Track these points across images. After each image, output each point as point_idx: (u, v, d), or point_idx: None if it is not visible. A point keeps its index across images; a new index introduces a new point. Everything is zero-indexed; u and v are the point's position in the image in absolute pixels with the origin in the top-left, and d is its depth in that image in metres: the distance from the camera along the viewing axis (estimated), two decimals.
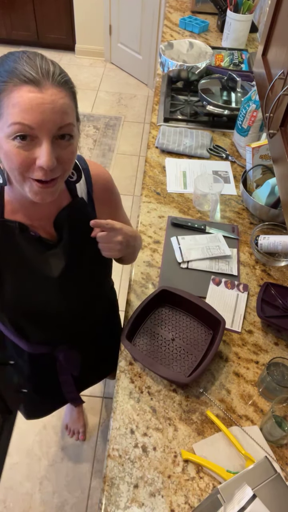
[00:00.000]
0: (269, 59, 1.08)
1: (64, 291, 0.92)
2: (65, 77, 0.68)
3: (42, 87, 0.64)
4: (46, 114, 0.64)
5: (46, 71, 0.65)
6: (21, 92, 0.63)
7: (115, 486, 0.88)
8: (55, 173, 0.70)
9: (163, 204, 1.48)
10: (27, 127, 0.64)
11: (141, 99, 3.73)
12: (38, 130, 0.65)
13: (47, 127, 0.65)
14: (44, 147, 0.66)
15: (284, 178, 0.83)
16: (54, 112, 0.65)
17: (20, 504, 1.62)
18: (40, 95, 0.63)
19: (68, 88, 0.68)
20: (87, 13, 3.81)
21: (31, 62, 0.65)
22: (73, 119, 0.69)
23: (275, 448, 0.95)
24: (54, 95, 0.65)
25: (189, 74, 1.93)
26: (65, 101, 0.67)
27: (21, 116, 0.63)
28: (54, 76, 0.66)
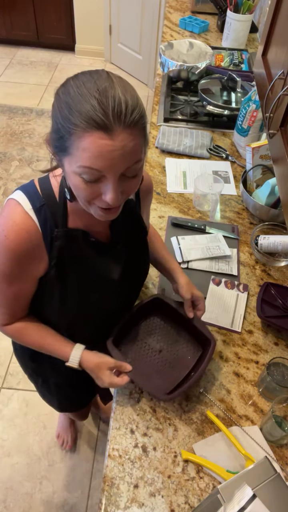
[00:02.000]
0: (269, 59, 1.08)
1: (122, 291, 0.97)
2: (137, 114, 0.64)
3: (113, 133, 0.62)
4: (115, 159, 0.64)
5: (118, 114, 0.62)
6: (92, 137, 0.62)
7: (115, 486, 0.88)
8: (120, 202, 0.72)
9: (163, 204, 1.48)
10: (96, 171, 0.64)
11: (141, 99, 3.73)
12: (106, 172, 0.65)
13: (114, 170, 0.65)
14: (111, 186, 0.67)
15: (284, 178, 0.83)
16: (124, 156, 0.64)
17: (20, 504, 1.62)
18: (110, 143, 0.62)
19: (140, 126, 0.66)
20: (87, 13, 3.81)
21: (103, 102, 0.61)
22: (142, 155, 0.69)
23: (275, 448, 0.95)
24: (125, 139, 0.63)
25: (189, 74, 1.93)
26: (136, 142, 0.65)
27: (91, 161, 0.63)
28: (126, 118, 0.63)
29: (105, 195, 0.68)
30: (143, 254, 1.00)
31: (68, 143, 0.64)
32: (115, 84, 0.64)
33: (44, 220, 0.79)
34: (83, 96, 0.62)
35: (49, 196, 0.81)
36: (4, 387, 1.92)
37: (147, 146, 0.72)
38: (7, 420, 1.84)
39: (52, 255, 0.82)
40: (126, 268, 0.94)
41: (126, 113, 0.62)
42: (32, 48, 4.21)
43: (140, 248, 0.99)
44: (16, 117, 3.41)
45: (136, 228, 0.96)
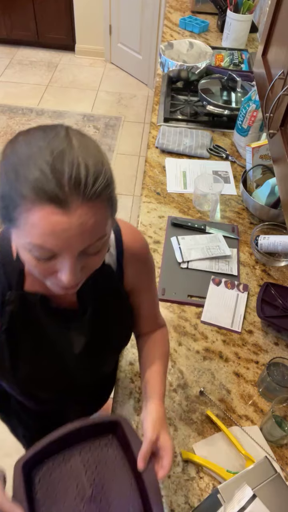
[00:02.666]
0: (269, 59, 1.08)
1: (83, 366, 0.83)
2: (101, 184, 0.53)
3: (69, 207, 0.50)
4: (71, 239, 0.52)
5: (75, 184, 0.50)
6: (42, 212, 0.50)
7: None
8: (80, 279, 0.60)
9: (163, 204, 1.48)
10: (47, 250, 0.53)
11: (141, 99, 3.73)
12: (60, 252, 0.54)
13: (71, 250, 0.54)
14: (67, 266, 0.56)
15: (284, 178, 0.83)
16: (83, 235, 0.53)
17: None
18: (65, 220, 0.51)
19: (104, 196, 0.54)
20: (87, 13, 3.81)
21: (57, 168, 0.49)
22: (106, 229, 0.57)
23: (275, 448, 0.95)
24: (84, 215, 0.52)
25: (189, 74, 1.93)
26: (99, 217, 0.54)
27: (42, 239, 0.52)
28: (87, 190, 0.51)
29: (60, 274, 0.57)
30: (117, 327, 0.84)
31: (14, 215, 0.53)
32: (74, 146, 0.52)
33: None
34: (33, 159, 0.50)
35: (6, 253, 0.70)
36: None
37: (115, 214, 0.60)
38: None
39: (2, 320, 0.72)
40: (92, 341, 0.80)
41: (86, 183, 0.51)
42: (32, 48, 4.21)
43: (115, 320, 0.82)
44: (16, 117, 3.41)
45: (112, 297, 0.80)
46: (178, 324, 1.16)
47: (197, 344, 1.12)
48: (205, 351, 1.11)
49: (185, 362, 1.08)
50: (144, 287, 0.87)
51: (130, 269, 0.81)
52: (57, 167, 0.49)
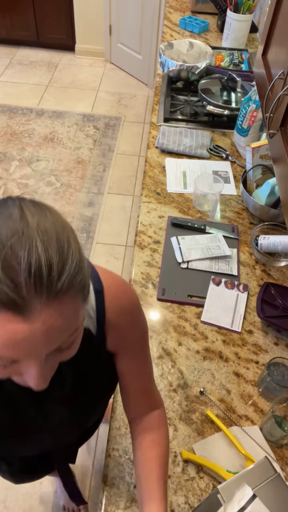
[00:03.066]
0: (269, 59, 1.08)
1: (61, 436, 0.78)
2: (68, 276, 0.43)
3: (30, 312, 0.41)
4: (36, 345, 0.44)
5: (36, 283, 0.40)
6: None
7: (115, 486, 0.88)
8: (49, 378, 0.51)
9: (163, 204, 1.48)
10: (8, 360, 0.45)
11: (141, 99, 3.73)
12: (23, 358, 0.46)
13: (36, 356, 0.45)
14: (33, 373, 0.47)
15: (284, 178, 0.83)
16: (49, 339, 0.44)
17: (20, 504, 1.62)
18: (27, 327, 0.42)
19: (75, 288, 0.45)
20: (87, 13, 3.81)
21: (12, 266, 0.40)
22: (77, 321, 0.48)
23: (275, 448, 0.95)
24: (50, 317, 0.43)
25: (189, 74, 1.93)
26: (68, 315, 0.45)
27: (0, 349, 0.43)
28: (51, 287, 0.41)
29: (26, 377, 0.48)
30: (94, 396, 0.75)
31: None
32: (31, 230, 0.42)
33: None
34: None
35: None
36: None
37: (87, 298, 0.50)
38: None
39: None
40: (70, 415, 0.73)
41: (50, 279, 0.41)
42: (32, 48, 4.21)
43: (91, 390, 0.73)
44: (16, 117, 3.41)
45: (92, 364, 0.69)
46: (178, 324, 1.16)
47: (197, 344, 1.12)
48: (205, 351, 1.11)
49: (185, 362, 1.08)
50: (133, 354, 0.74)
51: (114, 332, 0.69)
52: (11, 264, 0.40)
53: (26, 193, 2.79)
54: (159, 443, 0.77)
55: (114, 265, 2.46)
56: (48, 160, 3.05)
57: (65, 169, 3.00)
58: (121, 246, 2.56)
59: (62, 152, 3.13)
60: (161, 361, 1.08)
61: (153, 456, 0.75)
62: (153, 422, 0.79)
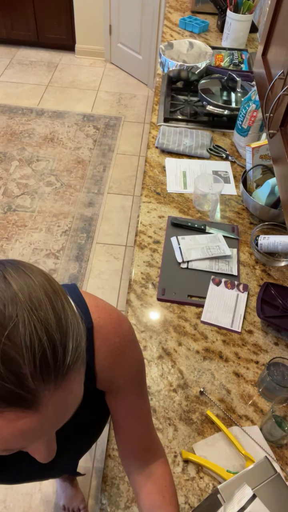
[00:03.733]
0: (269, 59, 1.08)
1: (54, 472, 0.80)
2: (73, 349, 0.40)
3: (40, 404, 0.38)
4: (47, 431, 0.41)
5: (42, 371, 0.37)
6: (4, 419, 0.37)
7: (115, 486, 0.88)
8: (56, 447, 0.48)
9: (163, 204, 1.48)
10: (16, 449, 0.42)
11: (141, 99, 3.73)
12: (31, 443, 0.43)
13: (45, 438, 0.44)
14: (40, 452, 0.45)
15: (284, 178, 0.83)
16: (59, 420, 0.42)
17: (20, 504, 1.62)
18: (37, 418, 0.38)
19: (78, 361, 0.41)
20: (87, 13, 3.81)
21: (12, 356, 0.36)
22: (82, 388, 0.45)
23: (275, 448, 0.95)
24: (59, 401, 0.40)
25: (189, 74, 1.93)
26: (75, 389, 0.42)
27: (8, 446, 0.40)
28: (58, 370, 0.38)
29: (33, 454, 0.46)
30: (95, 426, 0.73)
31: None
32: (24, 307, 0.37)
33: None
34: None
35: None
36: None
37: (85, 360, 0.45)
38: None
39: None
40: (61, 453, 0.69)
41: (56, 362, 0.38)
42: (32, 48, 4.21)
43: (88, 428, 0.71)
44: (16, 117, 3.41)
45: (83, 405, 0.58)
46: (178, 324, 1.16)
47: (197, 344, 1.12)
48: (205, 351, 1.11)
49: (185, 362, 1.08)
50: (128, 396, 0.67)
51: (105, 373, 0.63)
52: (11, 356, 0.35)
53: (26, 193, 2.79)
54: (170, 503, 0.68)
55: (114, 265, 2.46)
56: (48, 160, 3.05)
57: (65, 169, 3.00)
58: (121, 246, 2.56)
59: (62, 152, 3.13)
60: (161, 361, 1.08)
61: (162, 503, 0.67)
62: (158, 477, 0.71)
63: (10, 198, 2.77)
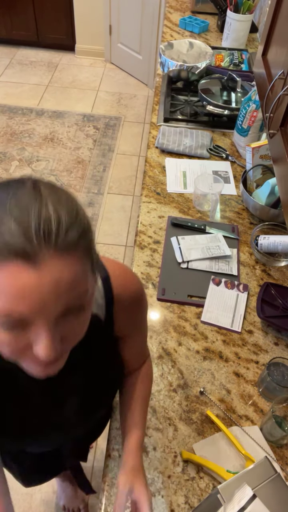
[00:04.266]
0: (269, 59, 1.08)
1: (71, 428, 0.80)
2: (75, 233, 0.46)
3: (39, 261, 0.43)
4: (45, 299, 0.45)
5: (45, 235, 0.43)
6: (8, 271, 0.42)
7: (115, 486, 0.88)
8: (59, 353, 0.50)
9: (163, 204, 1.48)
10: (17, 316, 0.45)
11: (141, 99, 3.73)
12: (33, 317, 0.46)
13: (46, 313, 0.46)
14: (42, 335, 0.47)
15: (284, 178, 0.83)
16: (58, 293, 0.45)
17: (20, 504, 1.62)
18: (35, 275, 0.43)
19: (81, 247, 0.47)
20: (87, 13, 3.81)
21: (24, 220, 0.43)
22: (87, 285, 0.49)
23: (275, 448, 0.95)
24: (57, 269, 0.44)
25: (189, 74, 1.93)
26: (75, 271, 0.46)
27: (9, 304, 0.44)
28: (59, 239, 0.44)
29: (36, 346, 0.48)
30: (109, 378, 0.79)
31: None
32: (43, 197, 0.46)
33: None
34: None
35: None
36: None
37: (96, 267, 0.53)
38: None
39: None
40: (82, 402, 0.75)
41: (58, 232, 0.44)
42: (32, 48, 4.21)
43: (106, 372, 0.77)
44: (16, 117, 3.41)
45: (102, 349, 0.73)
46: (178, 324, 1.16)
47: (197, 344, 1.12)
48: (205, 351, 1.11)
49: (185, 362, 1.08)
50: (136, 330, 0.81)
51: (121, 316, 0.73)
52: (23, 219, 0.43)
53: None
54: (142, 381, 0.85)
55: None
56: (48, 160, 3.05)
57: (65, 169, 3.00)
58: (121, 246, 2.56)
59: (62, 152, 3.13)
60: (161, 361, 1.08)
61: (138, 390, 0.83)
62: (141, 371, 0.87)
63: None
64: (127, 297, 0.72)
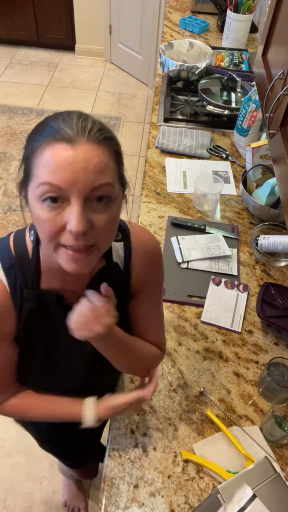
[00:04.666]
0: (269, 59, 1.08)
1: (96, 363, 0.85)
2: (105, 134, 0.62)
3: (76, 144, 0.58)
4: (77, 173, 0.57)
5: (82, 128, 0.60)
6: (53, 150, 0.58)
7: (115, 486, 0.88)
8: (88, 240, 0.61)
9: (163, 204, 1.48)
10: (56, 187, 0.58)
11: (141, 99, 3.73)
12: (68, 191, 0.58)
13: (78, 188, 0.58)
14: (74, 208, 0.58)
15: (284, 178, 0.83)
16: (87, 171, 0.58)
17: (20, 504, 1.62)
18: (72, 153, 0.57)
19: (108, 146, 0.62)
20: (87, 13, 3.81)
21: (68, 119, 0.61)
22: (112, 179, 0.61)
23: (275, 448, 0.95)
24: (89, 152, 0.58)
25: (189, 74, 1.93)
26: (102, 159, 0.60)
27: (51, 176, 0.58)
28: (92, 133, 0.60)
29: (69, 224, 0.59)
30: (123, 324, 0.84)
31: (32, 165, 0.61)
32: (87, 114, 0.63)
33: (13, 280, 0.73)
34: (49, 119, 0.63)
35: (22, 253, 0.74)
36: None
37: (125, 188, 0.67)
38: (7, 420, 1.83)
39: (20, 318, 0.75)
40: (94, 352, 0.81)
41: (91, 128, 0.60)
42: (32, 48, 4.21)
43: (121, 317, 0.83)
44: (16, 117, 3.41)
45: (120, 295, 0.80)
46: (178, 324, 1.16)
47: (197, 344, 1.12)
48: (205, 351, 1.11)
49: (185, 362, 1.08)
50: (150, 294, 0.86)
51: (138, 269, 0.82)
52: (67, 119, 0.61)
53: None
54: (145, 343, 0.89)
55: None
56: None
57: None
58: None
59: None
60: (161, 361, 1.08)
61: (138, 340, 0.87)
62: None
63: (10, 198, 2.77)
64: (144, 251, 0.82)
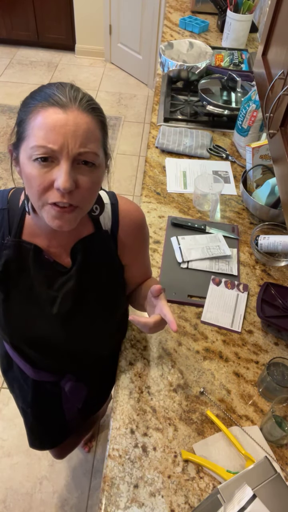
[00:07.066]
0: (269, 59, 1.08)
1: (68, 322, 0.88)
2: (93, 105, 0.69)
3: (68, 109, 0.65)
4: (68, 136, 0.64)
5: (73, 96, 0.66)
6: (46, 113, 0.65)
7: (115, 486, 0.88)
8: (73, 199, 0.68)
9: (163, 204, 1.48)
10: (48, 148, 0.64)
11: (141, 99, 3.73)
12: (58, 152, 0.65)
13: (67, 149, 0.65)
14: (62, 168, 0.65)
15: (284, 178, 0.83)
16: (76, 135, 0.65)
17: (20, 504, 1.62)
18: (63, 116, 0.64)
19: (96, 115, 0.69)
20: (87, 13, 3.81)
21: (61, 88, 0.67)
22: (97, 148, 0.69)
23: (275, 448, 0.95)
24: (79, 118, 0.65)
25: (189, 74, 1.93)
26: (90, 126, 0.67)
27: (43, 137, 0.64)
28: (82, 102, 0.67)
29: (57, 181, 0.66)
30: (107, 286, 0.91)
31: (25, 126, 0.67)
32: (78, 87, 0.70)
33: (0, 222, 0.80)
34: (43, 87, 0.70)
35: (14, 203, 0.82)
36: (4, 387, 1.93)
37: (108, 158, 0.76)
38: (7, 420, 1.84)
39: None
40: (80, 295, 0.86)
41: (82, 98, 0.67)
42: (32, 48, 4.21)
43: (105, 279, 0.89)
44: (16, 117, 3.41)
45: (105, 259, 0.88)
46: (178, 324, 1.16)
47: (197, 344, 1.12)
48: (205, 351, 1.11)
49: (185, 362, 1.08)
50: (138, 254, 0.96)
51: (125, 236, 0.89)
52: (61, 87, 0.67)
53: None
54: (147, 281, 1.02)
55: None
56: None
57: None
58: None
59: None
60: (161, 361, 1.08)
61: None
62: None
63: None
64: (130, 222, 0.89)
